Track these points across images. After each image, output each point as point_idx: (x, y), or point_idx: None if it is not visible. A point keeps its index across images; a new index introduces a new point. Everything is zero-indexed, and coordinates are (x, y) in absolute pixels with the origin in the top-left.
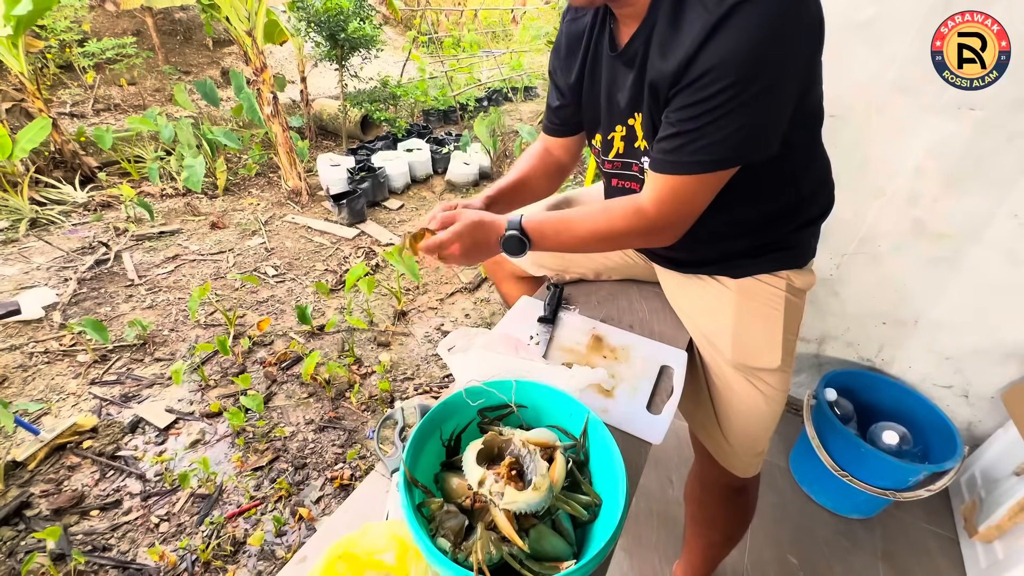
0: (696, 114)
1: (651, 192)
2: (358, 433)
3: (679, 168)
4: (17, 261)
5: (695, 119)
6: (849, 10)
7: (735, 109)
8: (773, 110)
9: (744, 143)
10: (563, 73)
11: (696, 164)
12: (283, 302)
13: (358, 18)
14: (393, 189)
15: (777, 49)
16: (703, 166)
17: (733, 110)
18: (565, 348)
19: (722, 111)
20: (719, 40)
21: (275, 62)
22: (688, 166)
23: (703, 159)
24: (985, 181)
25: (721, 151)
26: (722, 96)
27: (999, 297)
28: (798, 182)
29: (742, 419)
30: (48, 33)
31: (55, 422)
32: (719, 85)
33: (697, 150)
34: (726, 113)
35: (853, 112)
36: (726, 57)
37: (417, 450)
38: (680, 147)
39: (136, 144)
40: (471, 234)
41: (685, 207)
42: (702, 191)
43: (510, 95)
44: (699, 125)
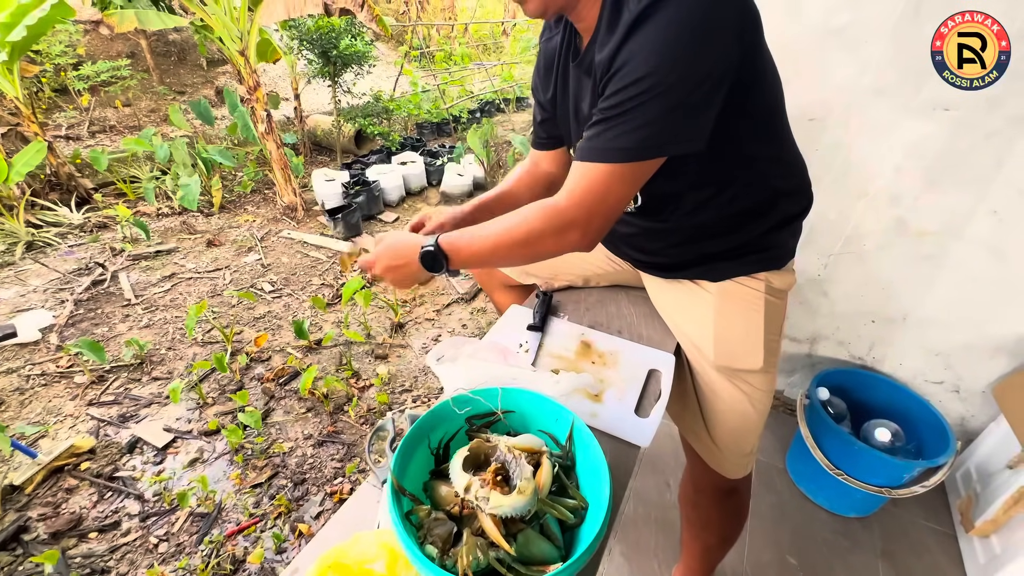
0: (616, 103)
1: (568, 184)
2: (357, 447)
3: (594, 155)
4: (13, 284)
5: (612, 108)
6: (825, 16)
7: (647, 101)
8: (689, 102)
9: (659, 134)
10: (543, 89)
11: (610, 151)
12: (280, 317)
13: (350, 35)
14: (388, 202)
15: (690, 46)
16: (616, 154)
17: (645, 102)
18: (554, 355)
19: (636, 102)
20: (636, 36)
21: (269, 80)
22: (602, 153)
23: (616, 146)
24: (964, 179)
25: (635, 138)
26: (636, 87)
27: (984, 292)
28: (768, 181)
29: (728, 421)
30: (43, 58)
31: (52, 444)
32: (633, 77)
33: (613, 138)
34: (644, 102)
35: (832, 115)
36: (639, 51)
37: (405, 459)
38: (598, 135)
39: (132, 164)
40: (390, 253)
41: (599, 199)
42: (616, 183)
43: (502, 106)
44: (617, 113)
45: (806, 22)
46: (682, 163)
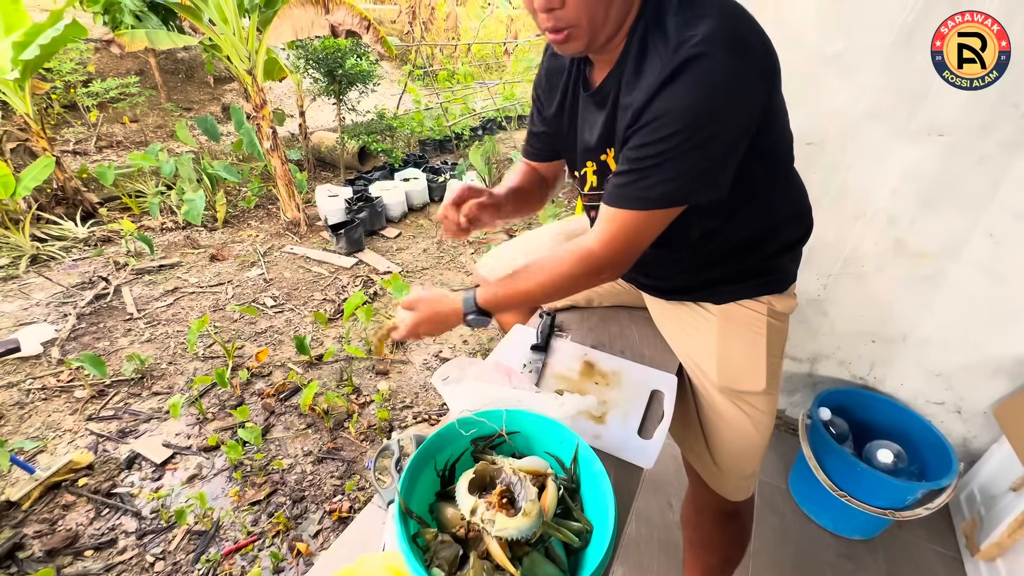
0: (647, 154)
1: (600, 229)
2: (357, 464)
3: (628, 202)
4: (17, 297)
5: (646, 159)
6: (819, 44)
7: (683, 152)
8: (718, 155)
9: (689, 184)
10: (546, 101)
11: (643, 200)
12: (281, 332)
13: (355, 55)
14: (390, 218)
15: (723, 102)
16: (650, 202)
17: (680, 154)
18: (558, 375)
19: (671, 154)
20: (671, 89)
21: (274, 97)
22: (637, 201)
23: (650, 196)
24: (959, 202)
25: (667, 189)
26: (672, 140)
27: (982, 313)
28: (772, 209)
29: (730, 442)
30: (54, 75)
31: (51, 460)
32: (668, 130)
33: (647, 187)
34: (675, 156)
35: (829, 139)
36: (675, 106)
37: (412, 481)
38: (631, 183)
39: (137, 179)
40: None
41: (631, 242)
42: (648, 227)
43: (504, 124)
44: (649, 164)
45: (803, 49)
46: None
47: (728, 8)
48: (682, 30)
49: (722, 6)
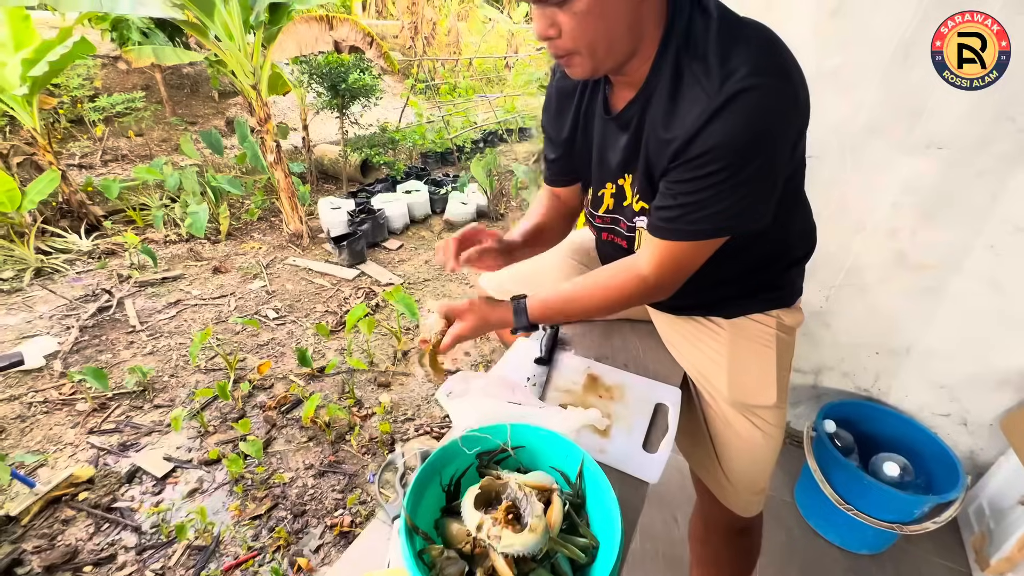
0: (695, 188)
1: (650, 257)
2: (358, 477)
3: (679, 235)
4: (20, 310)
5: (695, 192)
6: (817, 60)
7: (732, 187)
8: (765, 187)
9: (739, 216)
10: (554, 128)
11: (695, 232)
12: (283, 345)
13: (358, 70)
14: (392, 230)
15: (770, 136)
16: (701, 234)
17: (730, 187)
18: (561, 389)
19: (719, 188)
20: (718, 124)
21: (278, 111)
22: (688, 233)
23: (702, 228)
24: (959, 214)
25: (718, 222)
26: (720, 175)
27: (985, 325)
28: (785, 228)
29: (741, 457)
30: (61, 90)
31: (51, 474)
32: (717, 165)
33: (697, 220)
34: (723, 190)
35: (829, 153)
36: (723, 141)
37: (417, 496)
38: (680, 216)
39: (142, 193)
40: (478, 330)
41: (682, 270)
42: (698, 255)
43: (505, 136)
44: (698, 199)
45: (802, 65)
46: None
47: (769, 38)
48: (726, 61)
49: (760, 35)
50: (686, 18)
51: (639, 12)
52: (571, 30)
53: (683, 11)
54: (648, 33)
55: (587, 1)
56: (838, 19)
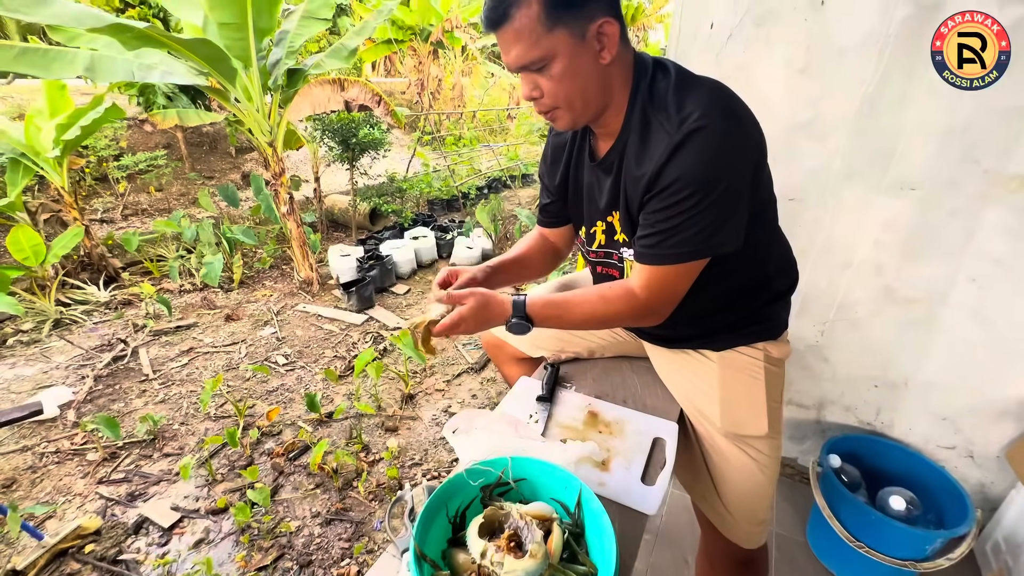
0: (669, 215)
1: (639, 280)
2: (365, 525)
3: (661, 259)
4: (38, 361)
5: (669, 219)
6: (791, 112)
7: (700, 212)
8: (731, 210)
9: (711, 237)
10: (549, 177)
11: (674, 255)
12: (292, 390)
13: (368, 125)
14: (400, 275)
15: (726, 164)
16: (681, 257)
17: (699, 213)
18: (563, 425)
19: (690, 213)
20: (680, 157)
21: (291, 164)
22: (668, 257)
23: (681, 251)
24: (939, 250)
25: (693, 244)
26: (689, 201)
27: (977, 356)
28: (762, 263)
29: (739, 487)
30: (89, 151)
31: (59, 525)
32: (684, 193)
33: (675, 244)
34: (694, 215)
35: (810, 196)
36: (686, 172)
37: (425, 528)
38: (660, 242)
39: (159, 245)
40: (478, 315)
41: (668, 291)
42: (681, 278)
43: (508, 183)
44: (673, 224)
45: (777, 118)
46: None
47: (717, 87)
48: (682, 108)
49: (712, 86)
50: (649, 77)
51: (608, 73)
52: (551, 91)
53: (646, 71)
54: (617, 90)
55: (561, 67)
56: (806, 77)
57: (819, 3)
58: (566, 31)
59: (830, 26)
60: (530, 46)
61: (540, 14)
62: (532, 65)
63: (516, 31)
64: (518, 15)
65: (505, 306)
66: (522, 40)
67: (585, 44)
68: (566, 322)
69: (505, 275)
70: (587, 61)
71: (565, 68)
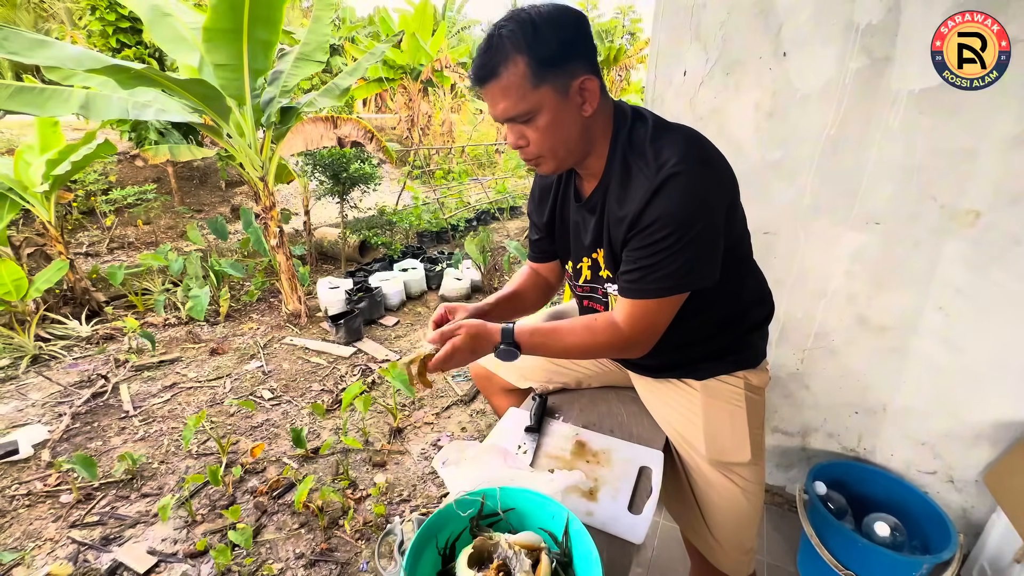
0: (650, 253)
1: (622, 314)
2: (351, 566)
3: (643, 294)
4: (13, 399)
5: (650, 256)
6: (762, 152)
7: (679, 249)
8: (707, 247)
9: (690, 272)
10: (537, 215)
11: (656, 290)
12: (278, 426)
13: (359, 160)
14: (389, 306)
15: (703, 206)
16: (661, 291)
17: (678, 250)
18: (551, 455)
19: (670, 251)
20: (658, 201)
21: (281, 197)
22: (650, 292)
23: (661, 286)
24: (906, 281)
25: (673, 280)
26: (668, 240)
27: (950, 381)
28: (738, 295)
29: (725, 514)
30: (78, 185)
31: (27, 573)
32: (664, 232)
33: (656, 279)
34: (673, 252)
35: (783, 229)
36: (665, 213)
37: (415, 559)
38: (642, 278)
39: (145, 278)
40: (470, 344)
41: (650, 325)
42: (663, 311)
43: (497, 215)
44: (653, 261)
45: (749, 157)
46: None
47: (691, 135)
48: (659, 154)
49: (686, 134)
50: (628, 125)
51: (589, 124)
52: (536, 140)
53: (625, 120)
54: (599, 138)
55: (546, 119)
56: (773, 120)
57: (781, 54)
58: (550, 88)
59: (792, 75)
60: (517, 101)
61: (526, 72)
62: (519, 118)
63: (503, 88)
64: (506, 73)
65: (495, 334)
66: (510, 96)
67: (568, 99)
68: (552, 350)
69: (500, 311)
70: (570, 114)
71: (550, 121)
